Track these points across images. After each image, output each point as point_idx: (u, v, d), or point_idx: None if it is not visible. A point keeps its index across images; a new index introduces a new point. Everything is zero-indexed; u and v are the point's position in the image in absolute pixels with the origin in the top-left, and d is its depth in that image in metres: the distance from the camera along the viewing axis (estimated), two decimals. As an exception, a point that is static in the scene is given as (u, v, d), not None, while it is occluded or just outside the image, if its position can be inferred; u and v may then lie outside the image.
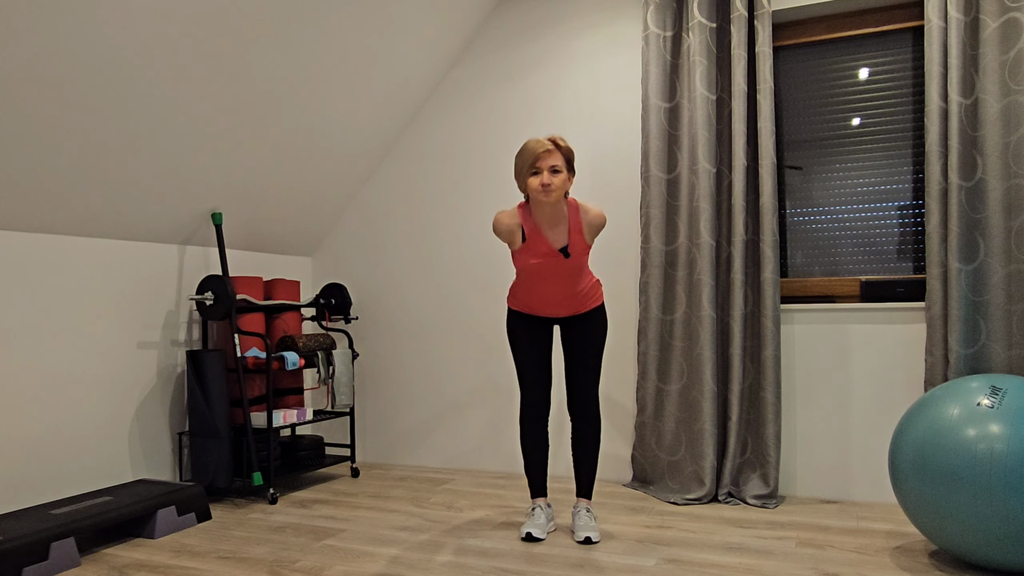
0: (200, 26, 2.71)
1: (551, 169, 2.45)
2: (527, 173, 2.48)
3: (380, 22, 3.33)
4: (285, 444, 3.65)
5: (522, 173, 2.49)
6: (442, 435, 3.93)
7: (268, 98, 3.18)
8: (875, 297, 3.13)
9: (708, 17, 3.24)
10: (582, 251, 2.57)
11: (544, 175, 2.44)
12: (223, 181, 3.34)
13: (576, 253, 2.56)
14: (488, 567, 2.38)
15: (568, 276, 2.60)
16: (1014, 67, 2.79)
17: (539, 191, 2.46)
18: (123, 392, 3.16)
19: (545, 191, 2.45)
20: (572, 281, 2.61)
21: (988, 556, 2.14)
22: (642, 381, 3.36)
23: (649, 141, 3.34)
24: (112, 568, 2.43)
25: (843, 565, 2.35)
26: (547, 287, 2.62)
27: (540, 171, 2.46)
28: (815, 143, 3.32)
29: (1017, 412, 2.10)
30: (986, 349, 2.82)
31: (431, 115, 3.99)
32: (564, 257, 2.55)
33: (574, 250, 2.55)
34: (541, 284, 2.63)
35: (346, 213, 4.19)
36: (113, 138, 2.77)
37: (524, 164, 2.47)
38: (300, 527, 2.87)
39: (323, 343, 3.60)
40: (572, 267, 2.58)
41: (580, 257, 2.57)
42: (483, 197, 3.85)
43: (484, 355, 3.84)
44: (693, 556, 2.46)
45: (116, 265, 3.14)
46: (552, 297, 2.65)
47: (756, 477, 3.15)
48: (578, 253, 2.56)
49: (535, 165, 2.46)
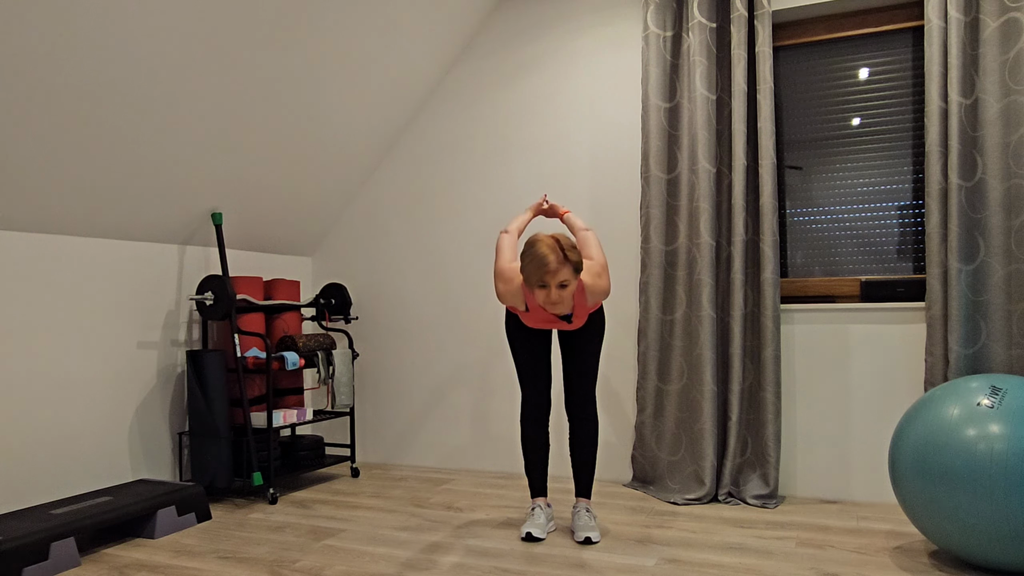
0: (200, 26, 2.71)
1: (559, 285, 2.36)
2: (534, 285, 2.39)
3: (380, 22, 3.33)
4: (285, 444, 3.65)
5: (529, 282, 2.40)
6: (442, 435, 3.93)
7: (268, 98, 3.18)
8: (875, 297, 3.13)
9: (708, 17, 3.24)
10: (585, 315, 2.60)
11: (552, 292, 2.37)
12: (223, 181, 3.34)
13: (579, 317, 2.59)
14: (488, 567, 2.38)
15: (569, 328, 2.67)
16: (1014, 67, 2.79)
17: (547, 306, 2.41)
18: (123, 392, 3.16)
19: (553, 307, 2.41)
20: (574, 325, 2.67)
21: (988, 556, 2.14)
22: (642, 381, 3.36)
23: (649, 141, 3.34)
24: (112, 568, 2.43)
25: (843, 565, 2.35)
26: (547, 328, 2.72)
27: (548, 286, 2.37)
28: (815, 143, 3.32)
29: (1017, 412, 2.10)
30: (986, 349, 2.82)
31: (431, 115, 3.99)
32: (567, 323, 2.60)
33: (578, 317, 2.58)
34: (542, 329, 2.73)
35: (346, 213, 4.19)
36: (113, 138, 2.77)
37: (531, 276, 2.37)
38: (300, 527, 2.87)
39: (323, 343, 3.60)
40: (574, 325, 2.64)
41: (582, 319, 2.61)
42: (483, 197, 3.85)
43: (484, 355, 3.84)
44: (693, 556, 2.46)
45: (116, 265, 3.14)
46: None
47: (756, 477, 3.15)
48: (581, 317, 2.59)
49: (542, 280, 2.36)
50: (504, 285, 2.56)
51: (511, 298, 2.57)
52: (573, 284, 2.38)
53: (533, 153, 3.74)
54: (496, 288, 2.59)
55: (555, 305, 2.39)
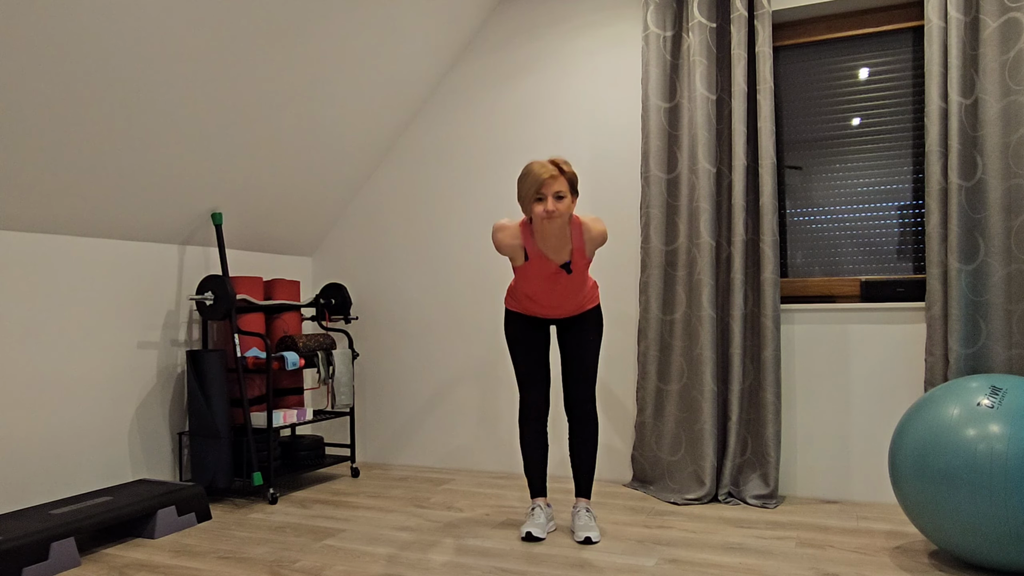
0: (200, 26, 2.71)
1: (555, 195, 2.45)
2: (531, 199, 2.47)
3: (380, 22, 3.33)
4: (285, 444, 3.65)
5: (526, 199, 2.48)
6: (442, 435, 3.93)
7: (268, 98, 3.18)
8: (875, 297, 3.13)
9: (708, 17, 3.24)
10: (584, 266, 2.60)
11: (548, 202, 2.44)
12: (223, 181, 3.34)
13: (578, 269, 2.59)
14: (488, 567, 2.38)
15: (568, 287, 2.64)
16: (1014, 67, 2.79)
17: (544, 218, 2.46)
18: (123, 392, 3.16)
19: (550, 217, 2.46)
20: (572, 291, 2.65)
21: (988, 556, 2.14)
22: (642, 381, 3.36)
23: (649, 141, 3.34)
24: (112, 568, 2.43)
25: (843, 565, 2.35)
26: (547, 297, 2.67)
27: (544, 197, 2.45)
28: (815, 143, 3.32)
29: (1017, 412, 2.10)
30: (986, 349, 2.82)
31: (431, 115, 3.99)
32: (566, 273, 2.59)
33: (576, 266, 2.58)
34: (541, 294, 2.66)
35: (346, 213, 4.19)
36: (113, 138, 2.77)
37: (528, 190, 2.47)
38: (300, 527, 2.87)
39: (323, 343, 3.60)
40: (573, 280, 2.62)
41: (582, 272, 2.61)
42: (483, 197, 3.85)
43: (484, 355, 3.84)
44: (693, 556, 2.46)
45: (116, 265, 3.14)
46: (551, 303, 2.69)
47: (756, 477, 3.15)
48: (580, 269, 2.60)
49: (539, 191, 2.45)
50: (502, 232, 2.59)
51: (510, 241, 2.58)
52: (569, 198, 2.48)
53: (533, 153, 3.74)
54: (495, 239, 2.60)
55: (554, 219, 2.46)
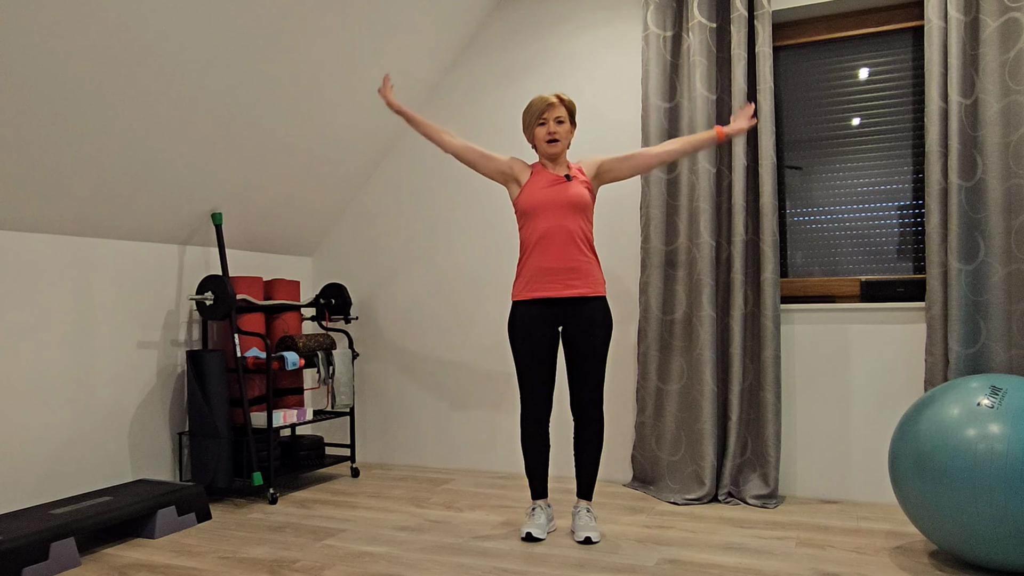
0: (200, 26, 2.71)
1: (556, 120, 2.68)
2: (534, 124, 2.70)
3: (380, 22, 3.33)
4: (285, 444, 3.65)
5: (529, 125, 2.72)
6: (442, 435, 3.93)
7: (268, 98, 3.18)
8: (875, 297, 3.13)
9: (708, 17, 3.24)
10: (585, 188, 2.69)
11: (550, 125, 2.68)
12: (223, 181, 3.34)
13: (578, 182, 2.68)
14: (488, 567, 2.38)
15: (571, 210, 2.65)
16: (1014, 67, 2.79)
17: (545, 139, 2.67)
18: (123, 392, 3.16)
19: (551, 137, 2.67)
20: (575, 220, 2.65)
21: (988, 556, 2.14)
22: (642, 381, 3.36)
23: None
24: (112, 568, 2.43)
25: (843, 565, 2.35)
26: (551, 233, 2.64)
27: (546, 122, 2.68)
28: (815, 143, 3.32)
29: (1017, 412, 2.10)
30: (986, 349, 2.82)
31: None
32: (567, 180, 2.68)
33: (576, 180, 2.69)
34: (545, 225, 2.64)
35: (346, 213, 4.19)
36: (113, 138, 2.77)
37: (531, 116, 2.70)
38: (300, 527, 2.87)
39: (323, 343, 3.60)
40: (575, 200, 2.65)
41: (582, 188, 2.67)
42: (483, 197, 3.85)
43: (484, 355, 3.84)
44: (693, 556, 2.46)
45: (116, 265, 3.14)
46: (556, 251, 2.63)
47: (756, 477, 3.15)
48: (580, 183, 2.69)
49: (541, 116, 2.68)
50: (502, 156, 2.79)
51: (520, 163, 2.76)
52: (568, 124, 2.71)
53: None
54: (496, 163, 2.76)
55: (555, 144, 2.67)
